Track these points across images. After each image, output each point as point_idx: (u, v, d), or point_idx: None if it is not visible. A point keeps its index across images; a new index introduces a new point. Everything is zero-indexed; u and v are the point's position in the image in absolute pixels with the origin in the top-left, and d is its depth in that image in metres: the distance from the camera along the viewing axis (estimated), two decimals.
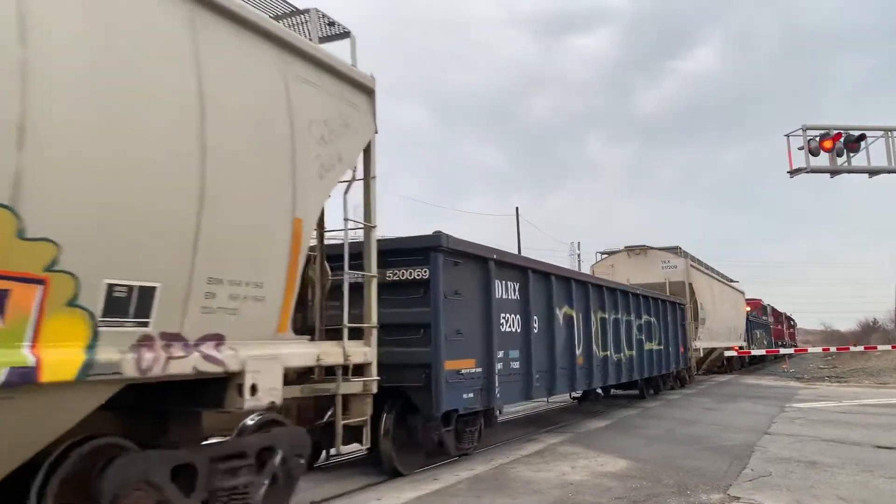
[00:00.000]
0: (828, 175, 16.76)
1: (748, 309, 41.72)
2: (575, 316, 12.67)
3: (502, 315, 10.09)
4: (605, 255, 26.80)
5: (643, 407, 16.95)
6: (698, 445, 10.72)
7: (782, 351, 43.04)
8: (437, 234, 8.65)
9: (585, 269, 30.49)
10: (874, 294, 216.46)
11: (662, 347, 18.98)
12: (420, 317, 8.53)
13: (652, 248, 25.69)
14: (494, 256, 9.95)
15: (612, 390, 18.44)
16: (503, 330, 10.08)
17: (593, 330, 13.63)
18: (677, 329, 20.85)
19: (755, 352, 38.11)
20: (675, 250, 25.77)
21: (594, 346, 13.65)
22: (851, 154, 16.15)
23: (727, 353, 32.24)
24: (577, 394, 14.95)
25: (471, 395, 9.07)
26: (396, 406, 8.52)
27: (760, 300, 51.32)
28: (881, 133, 16.35)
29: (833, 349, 42.33)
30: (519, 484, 7.85)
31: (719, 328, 28.87)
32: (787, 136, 16.32)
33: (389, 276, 8.59)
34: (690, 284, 24.84)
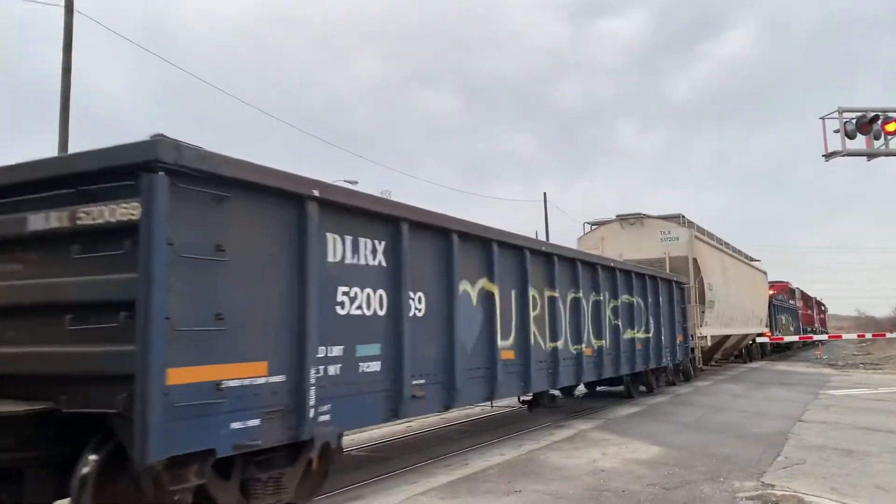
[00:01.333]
0: (864, 158, 16.40)
1: (772, 292, 39.21)
2: (498, 294, 9.09)
3: (343, 290, 6.44)
4: (595, 227, 22.06)
5: (639, 404, 14.65)
6: (730, 433, 10.64)
7: (815, 337, 42.46)
8: (156, 141, 4.78)
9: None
10: None
11: (652, 335, 15.10)
12: (120, 290, 4.74)
13: (649, 216, 21.09)
14: (316, 193, 6.05)
15: (598, 387, 15.90)
16: (343, 313, 6.42)
17: (534, 314, 9.99)
18: (674, 313, 17.08)
19: (787, 338, 36.52)
20: (676, 219, 21.36)
21: (535, 336, 9.98)
22: (889, 137, 15.76)
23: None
24: (528, 397, 11.11)
25: (253, 422, 5.33)
26: (107, 445, 4.85)
27: (788, 283, 48.76)
28: None
29: (868, 335, 41.63)
30: (550, 470, 7.87)
31: (734, 312, 24.79)
32: (823, 118, 15.98)
33: (61, 222, 5.01)
34: (695, 260, 20.31)
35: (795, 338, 39.18)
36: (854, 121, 15.59)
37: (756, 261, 32.53)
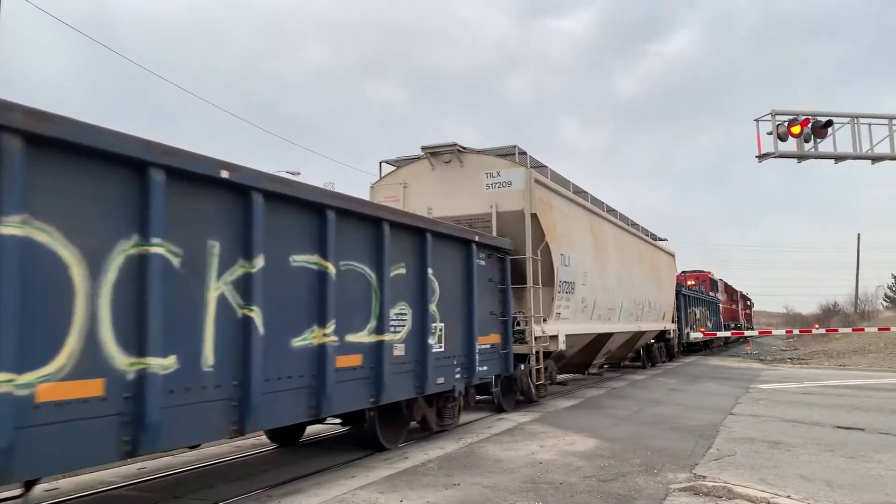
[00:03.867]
0: (795, 160, 16.98)
1: (692, 282, 36.87)
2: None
3: None
4: (394, 167, 14.55)
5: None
6: (665, 426, 10.89)
7: (747, 333, 43.72)
8: None
9: None
10: (835, 278, 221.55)
11: (410, 336, 8.63)
12: None
13: (471, 150, 13.83)
14: None
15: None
16: None
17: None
18: (473, 298, 10.25)
19: (691, 337, 31.34)
20: (509, 152, 13.84)
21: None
22: (818, 140, 16.34)
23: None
24: None
25: None
26: None
27: (709, 273, 44.53)
28: (848, 120, 16.56)
29: (795, 331, 43.19)
30: (489, 463, 7.90)
31: (617, 301, 18.17)
32: (757, 120, 16.44)
33: None
34: (535, 216, 13.00)
35: (727, 333, 40.14)
36: (786, 123, 16.11)
37: (662, 240, 26.04)
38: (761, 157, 16.61)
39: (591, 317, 16.23)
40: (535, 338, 12.69)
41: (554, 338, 13.52)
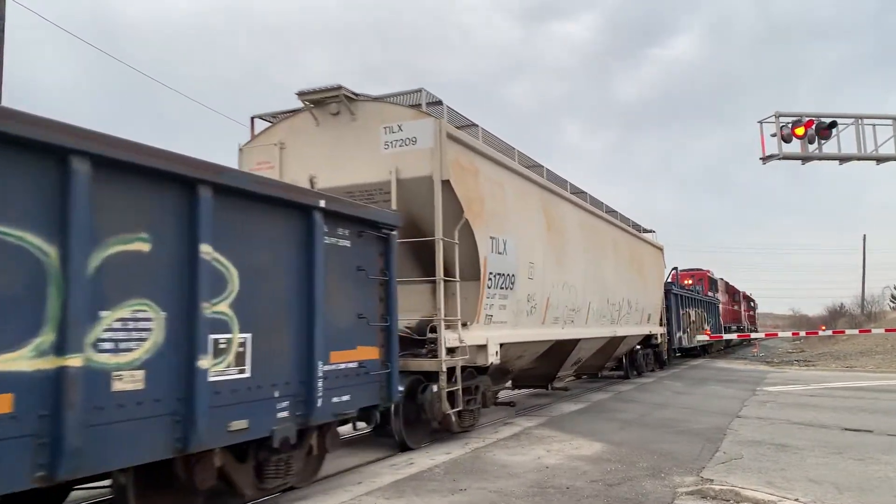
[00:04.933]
0: (799, 162, 16.96)
1: (688, 282, 34.38)
2: None
3: None
4: (271, 123, 11.13)
5: None
6: (671, 429, 10.87)
7: (753, 336, 43.51)
8: None
9: None
10: (841, 279, 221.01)
11: (157, 358, 5.06)
12: None
13: (364, 97, 10.30)
14: None
15: None
16: None
17: None
18: (338, 297, 7.13)
19: (686, 342, 28.59)
20: (413, 99, 10.32)
21: None
22: (823, 141, 16.33)
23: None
24: None
25: None
26: None
27: (708, 271, 41.34)
28: (852, 120, 16.54)
29: (802, 333, 42.99)
30: (495, 468, 7.89)
31: (581, 299, 14.62)
32: (760, 122, 16.44)
33: None
34: (449, 184, 9.63)
35: (734, 335, 39.95)
36: (789, 125, 16.10)
37: (648, 231, 22.73)
38: (765, 159, 16.60)
39: (544, 320, 12.69)
40: (448, 349, 9.37)
41: (482, 348, 10.24)
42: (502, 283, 10.89)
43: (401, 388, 8.69)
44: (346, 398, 7.11)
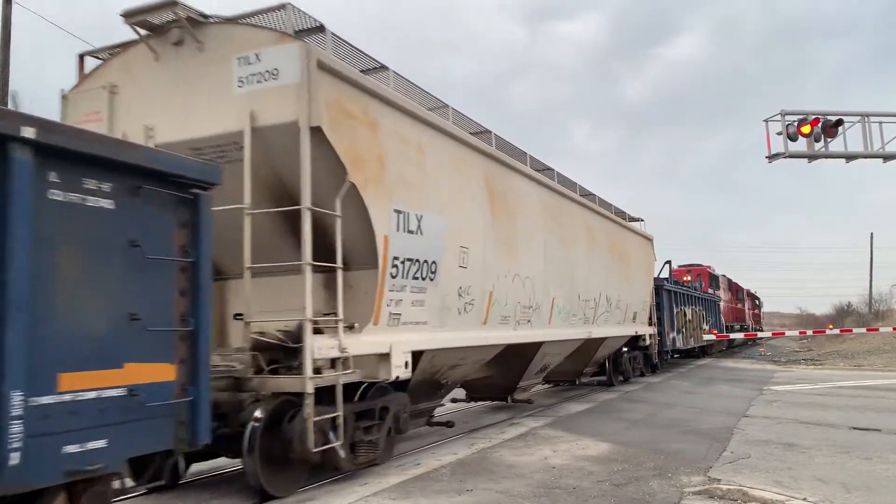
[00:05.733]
0: (805, 160, 16.90)
1: (687, 278, 32.03)
2: None
3: None
4: (102, 62, 8.01)
5: None
6: (678, 429, 10.84)
7: (760, 335, 43.35)
8: None
9: None
10: (848, 278, 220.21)
11: None
12: None
13: (213, 19, 7.33)
14: None
15: None
16: None
17: None
18: (77, 289, 4.52)
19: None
20: (280, 21, 7.24)
21: None
22: (829, 139, 16.26)
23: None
24: None
25: None
26: None
27: (708, 267, 38.69)
28: (858, 119, 16.47)
29: (809, 332, 42.83)
30: (502, 468, 7.88)
31: (541, 294, 11.91)
32: (766, 121, 16.38)
33: None
34: (322, 133, 6.72)
35: (741, 334, 39.74)
36: (795, 123, 16.04)
37: (636, 220, 20.15)
38: (771, 157, 16.54)
39: (486, 319, 9.99)
40: (315, 361, 6.59)
41: (384, 357, 7.58)
42: (416, 273, 8.15)
43: (258, 415, 6.44)
44: (95, 445, 4.51)
